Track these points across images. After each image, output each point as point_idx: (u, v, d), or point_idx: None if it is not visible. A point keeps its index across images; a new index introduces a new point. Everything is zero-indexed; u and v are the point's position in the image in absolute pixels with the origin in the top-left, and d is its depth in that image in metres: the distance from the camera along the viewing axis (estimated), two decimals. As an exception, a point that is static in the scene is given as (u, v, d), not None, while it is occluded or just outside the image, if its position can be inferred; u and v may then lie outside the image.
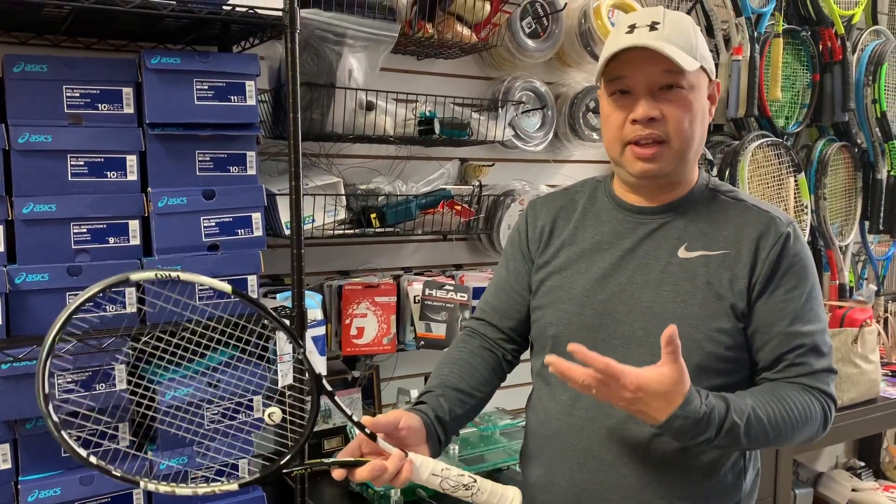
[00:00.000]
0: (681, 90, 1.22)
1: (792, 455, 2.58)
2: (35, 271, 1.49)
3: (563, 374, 1.08)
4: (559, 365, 1.07)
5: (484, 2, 2.07)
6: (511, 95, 2.33)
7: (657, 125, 1.23)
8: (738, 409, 1.14)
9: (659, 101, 1.22)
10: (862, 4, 3.04)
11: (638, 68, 1.22)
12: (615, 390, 1.08)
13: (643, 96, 1.23)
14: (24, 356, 1.43)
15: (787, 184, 2.81)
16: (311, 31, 1.82)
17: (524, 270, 1.42)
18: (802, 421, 1.20)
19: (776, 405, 1.18)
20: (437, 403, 1.29)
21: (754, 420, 1.15)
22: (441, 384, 1.33)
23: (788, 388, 1.22)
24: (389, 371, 2.29)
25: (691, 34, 1.24)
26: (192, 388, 1.59)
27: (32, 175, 1.50)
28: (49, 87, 1.51)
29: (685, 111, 1.23)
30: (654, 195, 1.32)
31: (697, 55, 1.23)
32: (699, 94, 1.25)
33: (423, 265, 2.36)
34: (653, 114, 1.22)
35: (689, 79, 1.23)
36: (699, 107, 1.25)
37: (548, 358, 1.09)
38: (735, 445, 1.17)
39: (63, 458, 1.53)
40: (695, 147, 1.27)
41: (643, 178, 1.28)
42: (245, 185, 1.68)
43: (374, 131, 1.97)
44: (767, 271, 1.24)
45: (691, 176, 1.33)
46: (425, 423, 1.24)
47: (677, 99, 1.22)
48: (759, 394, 1.20)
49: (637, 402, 1.09)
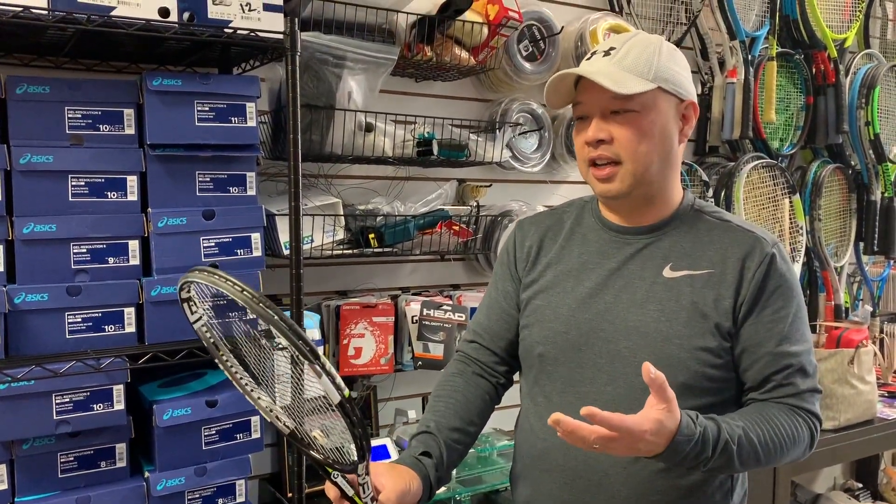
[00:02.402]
0: (630, 113, 1.25)
1: (790, 476, 2.57)
2: (34, 291, 1.49)
3: (572, 433, 1.06)
4: (566, 425, 1.05)
5: (482, 25, 2.10)
6: (508, 117, 2.35)
7: (607, 147, 1.26)
8: (730, 429, 1.15)
9: (609, 124, 1.26)
10: (854, 28, 3.08)
11: (589, 94, 1.27)
12: (626, 442, 1.07)
13: (595, 118, 1.27)
14: (23, 376, 1.43)
15: (782, 205, 2.83)
16: (312, 53, 1.83)
17: (512, 290, 1.43)
18: (791, 442, 1.22)
19: (765, 427, 1.20)
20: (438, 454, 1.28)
21: (746, 441, 1.16)
22: (438, 424, 1.32)
23: (776, 409, 1.24)
24: (387, 391, 2.29)
25: (652, 57, 1.26)
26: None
27: (33, 195, 1.50)
28: (51, 108, 1.52)
29: (636, 132, 1.25)
30: (633, 215, 1.34)
31: (653, 76, 1.24)
32: (657, 115, 1.26)
33: (421, 285, 2.36)
34: (600, 136, 1.26)
35: (642, 101, 1.24)
36: (657, 128, 1.26)
37: (553, 417, 1.07)
38: (728, 467, 1.17)
39: (60, 479, 1.53)
40: (655, 167, 1.28)
41: (606, 199, 1.33)
42: (245, 205, 1.69)
43: (372, 152, 1.98)
44: (754, 291, 1.25)
45: (671, 196, 1.34)
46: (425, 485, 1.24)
47: (627, 122, 1.25)
48: (748, 416, 1.21)
49: (642, 444, 1.08)
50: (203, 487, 1.64)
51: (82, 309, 1.53)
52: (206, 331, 1.16)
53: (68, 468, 1.54)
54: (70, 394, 1.49)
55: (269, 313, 0.97)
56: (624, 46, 1.27)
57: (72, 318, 1.52)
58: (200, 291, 1.12)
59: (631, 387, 1.26)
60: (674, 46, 1.32)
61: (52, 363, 1.46)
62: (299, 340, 0.97)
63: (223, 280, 1.01)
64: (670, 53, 1.29)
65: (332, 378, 0.98)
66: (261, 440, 1.72)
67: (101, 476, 1.57)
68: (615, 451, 1.09)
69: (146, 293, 1.57)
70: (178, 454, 1.61)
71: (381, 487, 1.15)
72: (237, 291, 0.99)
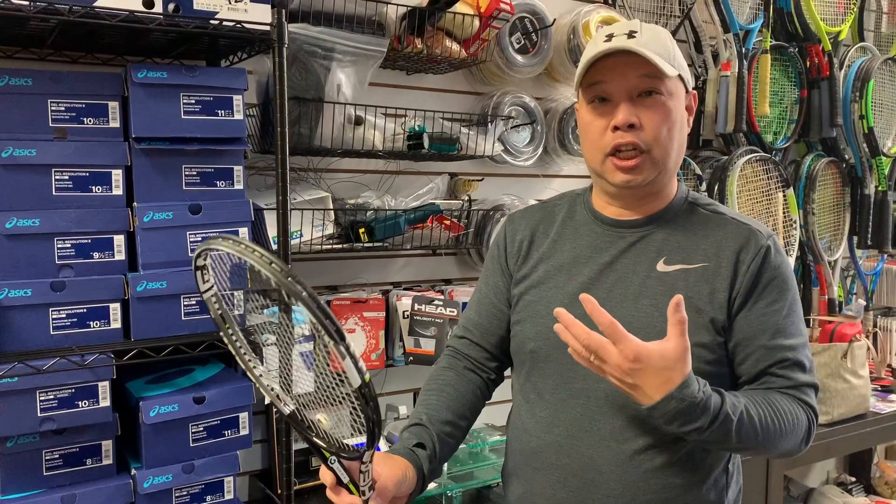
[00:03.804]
0: (659, 96, 1.23)
1: (783, 471, 2.57)
2: (18, 287, 1.47)
3: (567, 327, 1.06)
4: (564, 317, 1.06)
5: (473, 17, 2.08)
6: (500, 110, 2.33)
7: (636, 133, 1.23)
8: (732, 403, 1.13)
9: (637, 108, 1.23)
10: (848, 21, 3.06)
11: (617, 73, 1.23)
12: (613, 357, 1.06)
13: (623, 101, 1.23)
14: (6, 373, 1.41)
15: (776, 199, 2.81)
16: (300, 45, 1.81)
17: (503, 285, 1.42)
18: (790, 427, 1.19)
19: (767, 408, 1.17)
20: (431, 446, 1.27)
21: (746, 418, 1.14)
22: (430, 417, 1.31)
23: (778, 394, 1.22)
24: (378, 387, 2.28)
25: (668, 44, 1.25)
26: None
27: (16, 189, 1.48)
28: (34, 100, 1.50)
29: (664, 118, 1.23)
30: (633, 206, 1.32)
31: (675, 63, 1.24)
32: (677, 103, 1.26)
33: (413, 280, 2.34)
34: (633, 120, 1.22)
35: (668, 86, 1.23)
36: (677, 115, 1.26)
37: (557, 310, 1.07)
38: (724, 442, 1.14)
39: (45, 477, 1.51)
40: (674, 156, 1.27)
41: (624, 189, 1.29)
42: (232, 199, 1.67)
43: (362, 146, 1.96)
44: (748, 284, 1.24)
45: (670, 188, 1.33)
46: (418, 477, 1.22)
47: (656, 105, 1.23)
48: (751, 395, 1.20)
49: (634, 374, 1.07)
50: (191, 485, 1.63)
51: (67, 305, 1.51)
52: (216, 301, 1.12)
53: (53, 466, 1.52)
54: (55, 391, 1.47)
55: (298, 288, 0.93)
56: (643, 30, 1.23)
57: (56, 314, 1.50)
58: (217, 263, 1.08)
59: None
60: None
61: (36, 360, 1.44)
62: (326, 319, 0.93)
63: (249, 250, 0.96)
64: (676, 45, 1.29)
65: (356, 361, 0.95)
66: (249, 437, 1.70)
67: (87, 474, 1.55)
68: (609, 372, 1.08)
69: (132, 288, 1.55)
70: (166, 451, 1.60)
71: (378, 476, 1.14)
72: (265, 263, 0.94)
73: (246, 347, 1.14)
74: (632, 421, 1.23)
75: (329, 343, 0.93)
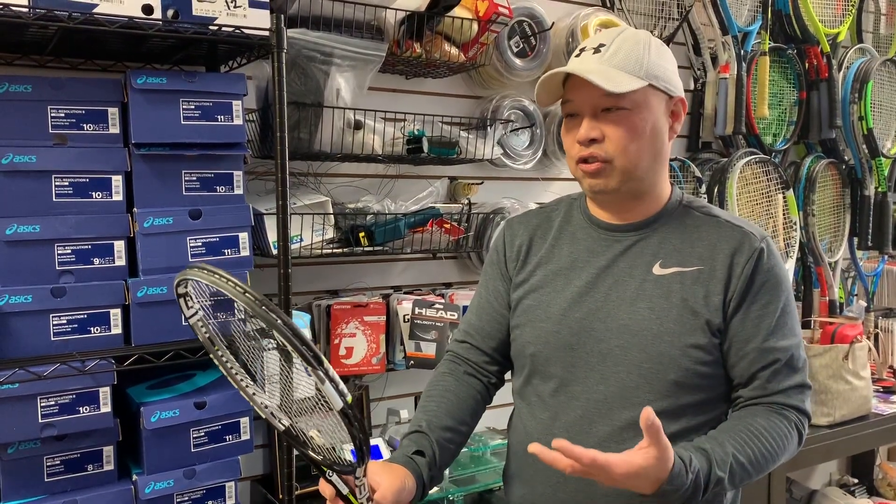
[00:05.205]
0: (622, 111, 1.23)
1: (785, 473, 2.56)
2: (18, 293, 1.47)
3: (551, 464, 1.07)
4: (545, 455, 1.07)
5: (471, 21, 2.08)
6: (500, 114, 2.34)
7: (598, 146, 1.25)
8: (720, 461, 1.16)
9: (601, 122, 1.24)
10: (847, 23, 3.07)
11: (580, 92, 1.25)
12: (601, 479, 1.08)
13: (586, 117, 1.25)
14: (6, 379, 1.41)
15: (776, 200, 2.81)
16: (299, 50, 1.81)
17: (503, 289, 1.42)
18: (780, 449, 1.23)
19: (754, 443, 1.20)
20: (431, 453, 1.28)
21: (736, 465, 1.17)
22: (430, 424, 1.31)
23: (762, 416, 1.23)
24: (379, 391, 2.27)
25: (643, 54, 1.25)
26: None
27: (16, 196, 1.48)
28: (33, 107, 1.50)
29: (628, 131, 1.24)
30: (622, 212, 1.33)
31: (644, 73, 1.23)
32: (648, 113, 1.25)
33: (413, 284, 2.34)
34: (592, 135, 1.24)
35: (633, 98, 1.23)
36: (647, 125, 1.25)
37: (531, 447, 1.08)
38: (722, 491, 1.20)
39: (46, 483, 1.51)
40: (644, 165, 1.27)
41: (595, 195, 1.31)
42: (232, 204, 1.67)
43: (362, 150, 1.96)
44: (742, 287, 1.25)
45: (661, 192, 1.33)
46: (418, 484, 1.23)
47: (619, 119, 1.24)
48: (735, 434, 1.21)
49: (626, 484, 1.09)
50: (192, 490, 1.63)
51: (67, 310, 1.51)
52: (202, 325, 1.13)
53: (55, 472, 1.52)
54: (55, 396, 1.47)
55: (272, 317, 0.95)
56: (613, 43, 1.25)
57: (57, 320, 1.50)
58: (198, 288, 1.10)
59: (623, 385, 1.25)
60: (661, 42, 1.31)
61: (37, 366, 1.44)
62: (303, 345, 0.95)
63: (224, 280, 0.99)
64: (658, 50, 1.28)
65: (336, 384, 0.97)
66: (250, 442, 1.70)
67: (88, 479, 1.55)
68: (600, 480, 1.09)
69: (132, 294, 1.55)
70: (167, 457, 1.60)
71: (377, 486, 1.14)
72: (238, 293, 0.97)
73: (237, 368, 1.15)
74: (630, 423, 1.24)
75: (307, 368, 0.95)
